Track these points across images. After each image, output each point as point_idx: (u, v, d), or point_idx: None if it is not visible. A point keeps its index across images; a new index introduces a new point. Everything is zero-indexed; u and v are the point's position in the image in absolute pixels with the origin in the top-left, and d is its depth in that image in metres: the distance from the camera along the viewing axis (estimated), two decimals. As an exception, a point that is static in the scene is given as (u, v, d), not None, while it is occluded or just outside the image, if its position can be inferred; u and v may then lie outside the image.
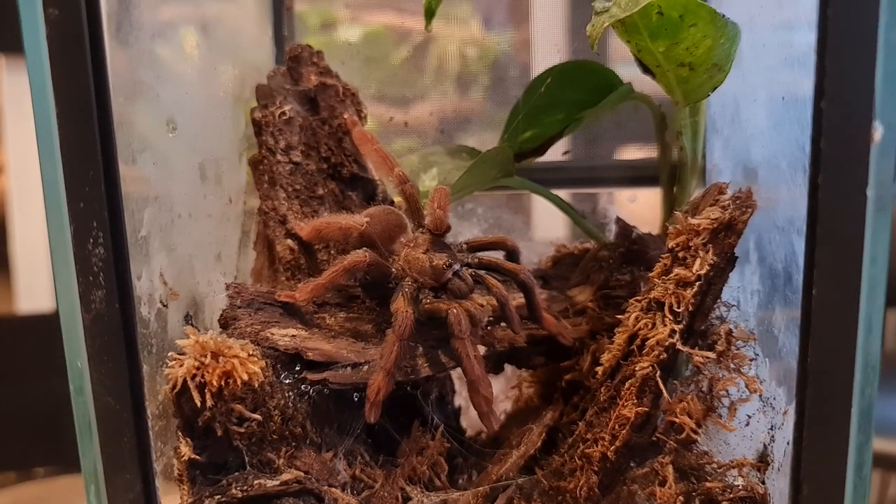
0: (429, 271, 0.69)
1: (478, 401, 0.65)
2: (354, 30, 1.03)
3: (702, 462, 0.65)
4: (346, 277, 0.68)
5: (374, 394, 0.64)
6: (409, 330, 0.64)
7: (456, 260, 0.70)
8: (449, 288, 0.69)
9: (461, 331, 0.64)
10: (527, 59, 1.04)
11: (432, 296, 0.69)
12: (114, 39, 0.61)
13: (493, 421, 0.66)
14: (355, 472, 0.69)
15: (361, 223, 0.70)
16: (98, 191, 0.54)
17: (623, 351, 0.67)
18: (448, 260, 0.69)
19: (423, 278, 0.69)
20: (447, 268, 0.68)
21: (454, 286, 0.69)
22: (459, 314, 0.65)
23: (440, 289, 0.69)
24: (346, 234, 0.71)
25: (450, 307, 0.65)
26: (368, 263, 0.68)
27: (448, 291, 0.69)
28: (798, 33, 0.63)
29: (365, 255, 0.68)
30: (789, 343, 0.66)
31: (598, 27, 0.62)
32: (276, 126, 0.79)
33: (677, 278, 0.64)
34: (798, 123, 0.61)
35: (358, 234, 0.70)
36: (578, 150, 1.01)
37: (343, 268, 0.67)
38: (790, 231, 0.65)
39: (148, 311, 0.65)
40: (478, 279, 0.70)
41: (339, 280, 0.68)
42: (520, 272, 0.72)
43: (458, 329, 0.64)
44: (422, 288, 0.69)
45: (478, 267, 0.73)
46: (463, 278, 0.69)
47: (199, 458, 0.61)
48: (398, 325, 0.64)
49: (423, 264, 0.69)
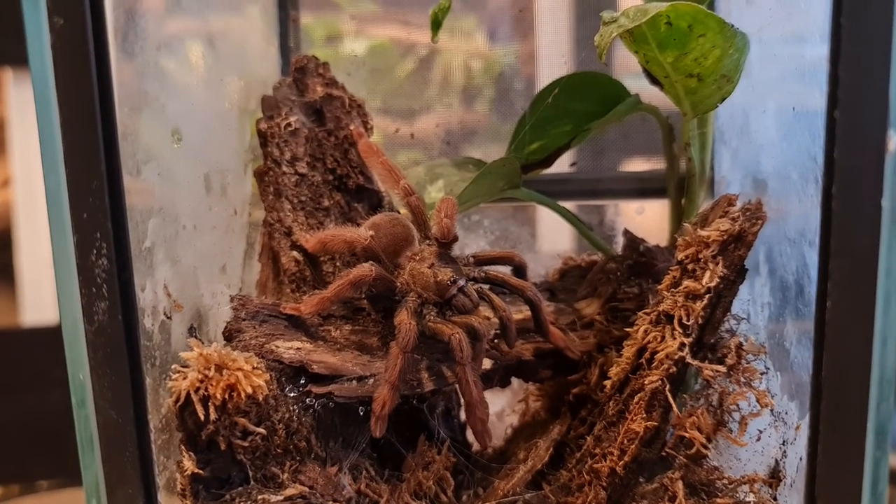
0: (433, 287, 0.68)
1: (473, 421, 0.66)
2: (360, 43, 1.02)
3: (712, 477, 0.64)
4: (352, 291, 0.68)
5: (380, 407, 0.63)
6: (413, 342, 0.64)
7: (461, 275, 0.69)
8: (453, 304, 0.68)
9: (462, 357, 0.64)
10: (532, 71, 1.03)
11: (436, 311, 0.68)
12: (120, 50, 0.61)
13: (486, 438, 0.67)
14: (360, 487, 0.68)
15: (366, 237, 0.69)
16: (102, 201, 0.53)
17: (632, 364, 0.66)
18: (453, 276, 0.68)
19: (427, 293, 0.68)
20: (451, 284, 0.68)
21: (458, 302, 0.68)
22: (461, 339, 0.64)
23: (444, 304, 0.68)
24: (351, 248, 0.70)
25: (453, 331, 0.64)
26: (374, 277, 0.67)
27: (452, 307, 0.68)
28: (809, 43, 0.62)
29: (371, 269, 0.67)
30: (801, 356, 0.65)
31: (607, 37, 0.62)
32: (282, 137, 0.79)
33: (687, 290, 0.63)
34: (809, 134, 0.60)
35: (363, 247, 0.70)
36: (585, 162, 1.01)
37: (348, 281, 0.67)
38: (801, 243, 0.64)
39: (152, 322, 0.64)
40: (482, 296, 0.69)
41: (344, 294, 0.67)
42: (526, 289, 0.71)
43: (459, 355, 0.64)
44: (426, 303, 0.68)
45: (484, 281, 0.72)
46: (468, 294, 0.68)
47: (203, 472, 0.60)
48: (401, 337, 0.64)
49: (428, 279, 0.69)
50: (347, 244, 0.70)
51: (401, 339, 0.64)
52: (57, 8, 0.51)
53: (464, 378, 0.64)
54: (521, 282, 0.72)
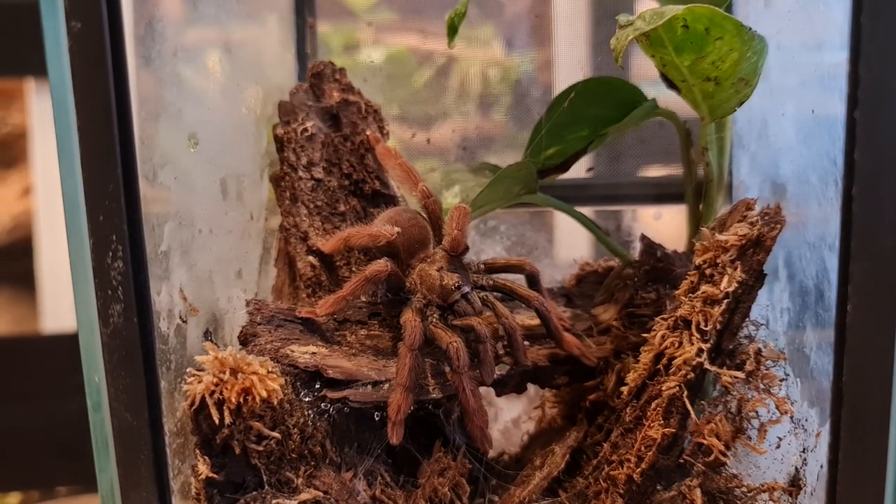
0: (437, 289, 0.69)
1: (472, 428, 0.66)
2: (377, 50, 1.03)
3: (731, 485, 0.63)
4: (368, 287, 0.68)
5: (395, 412, 0.63)
6: (420, 339, 0.64)
7: (468, 282, 0.70)
8: (455, 309, 0.68)
9: (459, 366, 0.64)
10: (548, 78, 1.03)
11: (438, 314, 0.68)
12: (138, 57, 0.61)
13: (486, 444, 0.67)
14: (375, 493, 0.68)
15: (392, 233, 0.70)
16: (118, 204, 0.54)
17: (649, 370, 0.65)
18: (458, 281, 0.69)
19: (432, 296, 0.69)
20: (455, 289, 0.68)
21: (460, 308, 0.68)
22: (458, 348, 0.64)
23: (447, 308, 0.69)
24: (375, 241, 0.71)
25: (451, 339, 0.64)
26: (389, 273, 0.68)
27: (454, 313, 0.69)
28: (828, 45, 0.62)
29: (386, 264, 0.68)
30: (821, 362, 0.64)
31: (623, 41, 0.62)
32: (298, 142, 0.79)
33: (704, 296, 0.62)
34: (829, 136, 0.60)
35: (387, 242, 0.70)
36: (602, 167, 1.00)
37: (364, 277, 0.67)
38: (821, 247, 0.63)
39: (167, 326, 0.64)
40: (487, 304, 0.69)
41: (360, 290, 0.68)
42: (533, 299, 0.70)
43: (455, 363, 0.64)
44: (430, 305, 0.69)
45: (492, 289, 0.72)
46: (471, 302, 0.68)
47: (217, 476, 0.60)
48: (408, 335, 0.64)
49: (434, 282, 0.69)
50: (372, 237, 0.71)
51: (407, 337, 0.64)
52: (74, 12, 0.51)
53: (461, 386, 0.64)
54: (528, 292, 0.71)
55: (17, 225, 1.65)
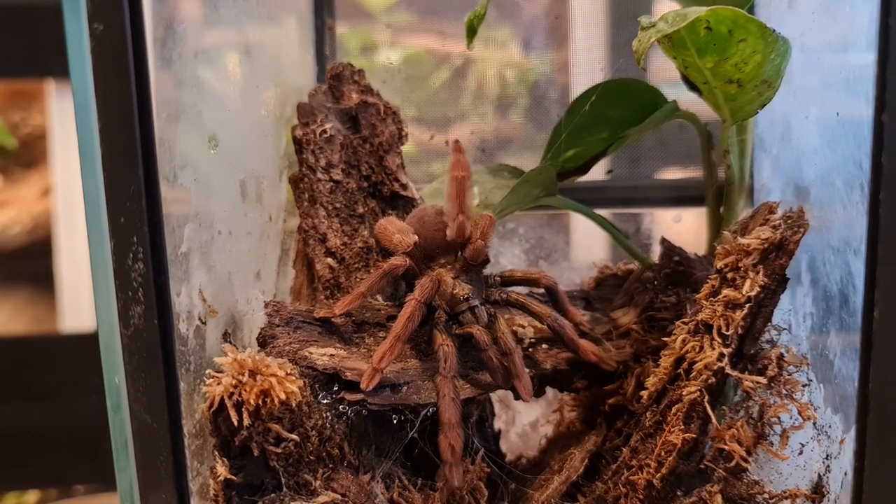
0: (447, 297, 0.69)
1: (444, 447, 0.62)
2: (395, 51, 1.03)
3: (752, 492, 0.63)
4: (385, 282, 0.68)
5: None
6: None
7: (479, 296, 0.69)
8: (459, 319, 0.69)
9: (445, 368, 0.63)
10: (566, 80, 1.03)
11: (445, 318, 0.69)
12: (159, 59, 0.61)
13: (454, 475, 0.62)
14: (393, 496, 0.68)
15: (409, 245, 0.70)
16: (139, 206, 0.54)
17: (669, 375, 0.65)
18: (468, 293, 0.68)
19: (440, 302, 0.69)
20: (463, 300, 0.68)
21: (465, 319, 0.68)
22: (448, 352, 0.64)
23: (453, 317, 0.69)
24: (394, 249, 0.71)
25: (443, 342, 0.65)
26: (406, 268, 0.69)
27: (458, 322, 0.69)
28: (853, 47, 0.61)
29: (404, 260, 0.69)
30: (845, 368, 0.63)
31: (645, 43, 0.61)
32: (317, 144, 0.79)
33: (726, 300, 0.62)
34: (854, 140, 0.59)
35: (403, 252, 0.70)
36: (622, 170, 1.00)
37: (383, 272, 0.68)
38: (846, 251, 0.63)
39: (186, 328, 0.64)
40: (492, 319, 0.68)
41: (377, 286, 0.68)
42: (546, 316, 0.70)
43: (442, 366, 0.63)
44: (437, 308, 0.69)
45: (505, 304, 0.72)
46: (476, 316, 0.68)
47: (236, 478, 0.60)
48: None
49: (446, 289, 0.69)
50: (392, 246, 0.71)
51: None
52: (97, 14, 0.51)
53: (442, 393, 0.63)
54: (541, 308, 0.70)
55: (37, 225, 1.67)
